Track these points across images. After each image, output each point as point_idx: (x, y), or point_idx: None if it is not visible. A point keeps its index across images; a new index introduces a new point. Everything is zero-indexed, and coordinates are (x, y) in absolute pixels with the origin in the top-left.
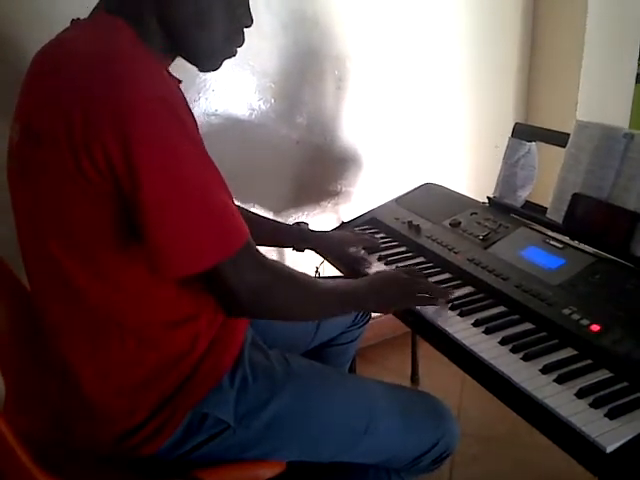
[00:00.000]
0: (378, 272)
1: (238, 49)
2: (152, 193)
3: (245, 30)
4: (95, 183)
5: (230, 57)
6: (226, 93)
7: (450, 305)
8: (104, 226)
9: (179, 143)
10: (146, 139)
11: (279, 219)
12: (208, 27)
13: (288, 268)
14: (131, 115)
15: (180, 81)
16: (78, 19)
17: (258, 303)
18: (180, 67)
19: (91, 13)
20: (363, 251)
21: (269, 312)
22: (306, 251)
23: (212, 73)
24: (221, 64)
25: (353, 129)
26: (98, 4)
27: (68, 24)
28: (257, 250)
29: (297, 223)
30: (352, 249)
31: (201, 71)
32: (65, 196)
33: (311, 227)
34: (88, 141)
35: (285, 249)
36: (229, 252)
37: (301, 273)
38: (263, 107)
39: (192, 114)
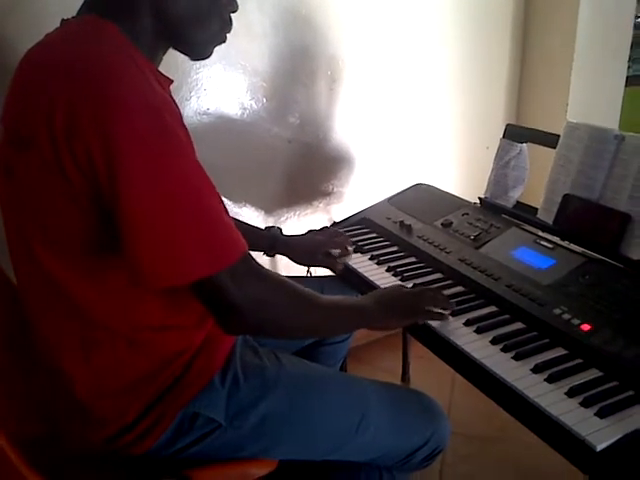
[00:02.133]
0: (380, 290)
1: (228, 47)
2: (131, 200)
3: (237, 29)
4: (78, 186)
5: (221, 43)
6: (218, 92)
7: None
8: (87, 230)
9: (165, 150)
10: (128, 144)
11: (270, 219)
12: (205, 20)
13: (290, 281)
14: (114, 119)
15: (171, 81)
16: (68, 19)
17: (260, 316)
18: (172, 66)
19: (79, 12)
20: (338, 252)
21: (272, 327)
22: None
23: (204, 72)
24: (212, 51)
25: (345, 129)
26: (84, 4)
27: (58, 24)
28: (256, 262)
29: (268, 227)
30: (321, 253)
31: (193, 60)
32: (48, 199)
33: (300, 231)
34: (71, 143)
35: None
36: (223, 264)
37: (304, 288)
38: (255, 106)
39: (181, 118)
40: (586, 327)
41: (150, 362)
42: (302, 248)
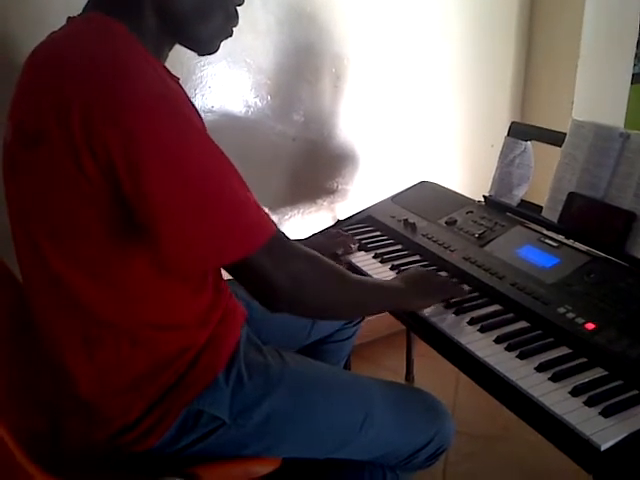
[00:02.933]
0: (403, 273)
1: (233, 45)
2: (156, 193)
3: (242, 26)
4: (95, 182)
5: (227, 37)
6: (222, 90)
7: (445, 304)
8: (97, 226)
9: (184, 140)
10: (147, 138)
11: (275, 217)
12: (208, 15)
13: (324, 257)
14: (132, 114)
15: (178, 78)
16: (74, 17)
17: (302, 293)
18: (177, 64)
19: (84, 10)
20: (342, 250)
21: (315, 303)
22: None
23: (208, 70)
24: (219, 46)
25: (350, 127)
26: (88, 3)
27: (63, 22)
28: (290, 239)
29: None
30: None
31: (200, 55)
32: (58, 197)
33: (304, 229)
34: (90, 141)
35: None
36: (256, 244)
37: (338, 265)
38: (259, 104)
39: (196, 109)
40: (590, 326)
41: (154, 360)
42: None
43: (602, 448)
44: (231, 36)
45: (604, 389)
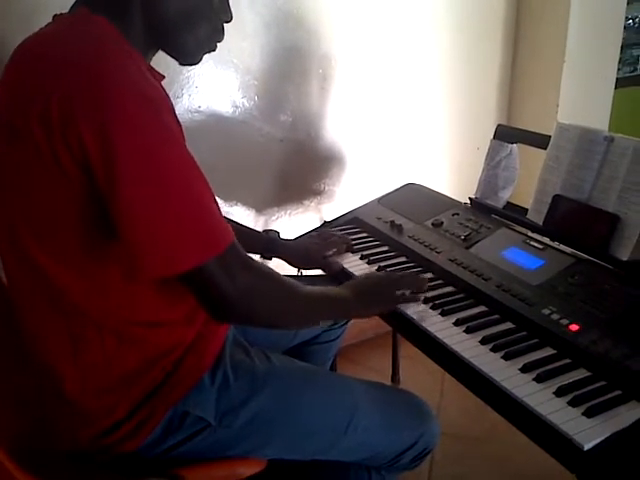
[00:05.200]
0: (353, 280)
1: (219, 44)
2: (128, 188)
3: (229, 27)
4: (72, 177)
5: (211, 52)
6: (209, 90)
7: (431, 305)
8: (78, 222)
9: (160, 140)
10: (124, 133)
11: (261, 218)
12: (193, 26)
13: (276, 272)
14: (111, 110)
15: (163, 77)
16: (61, 14)
17: (251, 304)
18: (163, 63)
19: (72, 8)
20: (334, 251)
21: (263, 314)
22: None
23: (196, 70)
24: (201, 58)
25: (337, 128)
26: (77, 1)
27: (50, 19)
28: (243, 251)
29: (266, 231)
30: (318, 256)
31: (181, 65)
32: (41, 192)
33: (290, 230)
34: (66, 134)
35: None
36: (212, 253)
37: (289, 278)
38: (246, 104)
39: (174, 112)
40: (574, 327)
41: (140, 359)
42: (300, 252)
43: (585, 448)
44: (214, 51)
45: (588, 390)
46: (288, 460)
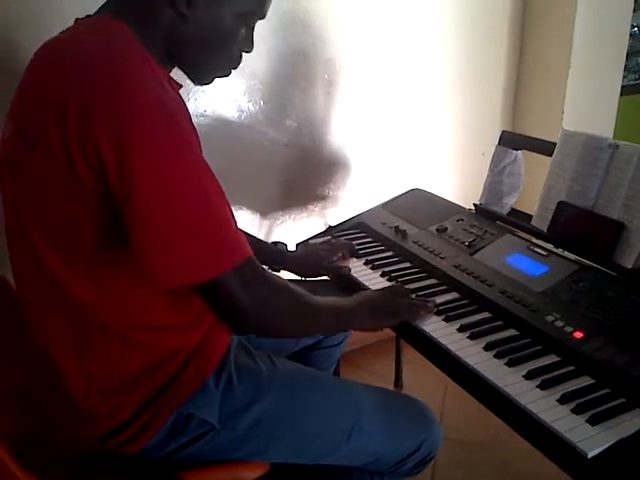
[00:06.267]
0: (363, 292)
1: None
2: (146, 201)
3: None
4: (87, 185)
5: (224, 77)
6: (215, 94)
7: (435, 311)
8: (90, 228)
9: (178, 152)
10: (143, 145)
11: (266, 222)
12: (214, 51)
13: (290, 284)
14: (129, 119)
15: (181, 85)
16: (82, 19)
17: (266, 317)
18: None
19: (95, 13)
20: (339, 256)
21: (274, 326)
22: None
23: None
24: (212, 81)
25: (342, 133)
26: (103, 6)
27: (68, 24)
28: (259, 264)
29: (275, 243)
30: (327, 262)
31: (195, 84)
32: (55, 197)
33: (295, 235)
34: (83, 142)
35: None
36: (229, 265)
37: (302, 290)
38: (252, 109)
39: (191, 121)
40: (579, 334)
41: (145, 362)
42: (309, 263)
43: (589, 455)
44: (227, 76)
45: (591, 397)
46: (291, 464)
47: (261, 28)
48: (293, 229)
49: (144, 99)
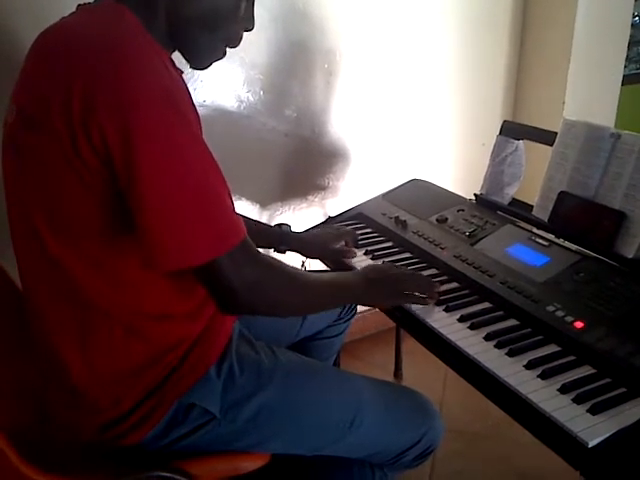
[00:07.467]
0: (370, 265)
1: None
2: (149, 185)
3: None
4: (92, 167)
5: (219, 59)
6: (214, 84)
7: (436, 300)
8: (94, 212)
9: (180, 136)
10: (146, 129)
11: (265, 212)
12: (212, 29)
13: (282, 263)
14: (133, 103)
15: (182, 72)
16: (85, 4)
17: (255, 298)
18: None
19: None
20: (343, 243)
21: (266, 307)
22: None
23: None
24: (210, 65)
25: (342, 123)
26: None
27: (69, 10)
28: (253, 246)
29: (279, 225)
30: (333, 246)
31: (191, 68)
32: (59, 181)
33: (294, 225)
34: (87, 125)
35: None
36: (226, 248)
37: (294, 268)
38: (251, 99)
39: (194, 107)
40: (579, 324)
41: (147, 351)
42: (315, 243)
43: (590, 445)
44: (223, 57)
45: (592, 387)
46: (291, 455)
47: (261, 18)
48: (293, 219)
49: (148, 83)
